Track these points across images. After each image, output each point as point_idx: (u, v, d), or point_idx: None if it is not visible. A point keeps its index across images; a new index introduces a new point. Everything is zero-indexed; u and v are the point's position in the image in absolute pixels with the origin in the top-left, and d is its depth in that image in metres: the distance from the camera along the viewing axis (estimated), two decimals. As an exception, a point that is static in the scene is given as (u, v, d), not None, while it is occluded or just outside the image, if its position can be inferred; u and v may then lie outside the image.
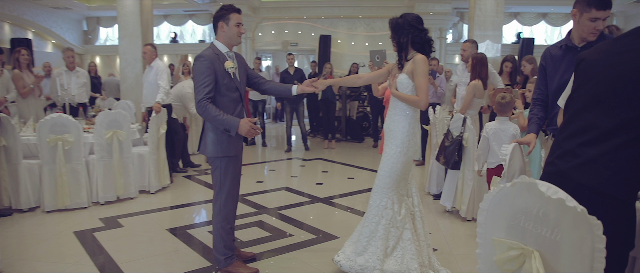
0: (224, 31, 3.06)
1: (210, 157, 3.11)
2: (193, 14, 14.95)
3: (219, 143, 3.04)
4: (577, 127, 1.88)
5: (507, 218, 1.66)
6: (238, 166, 3.22)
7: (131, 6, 7.89)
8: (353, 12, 13.53)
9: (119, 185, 5.08)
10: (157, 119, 5.54)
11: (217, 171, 3.10)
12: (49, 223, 4.40)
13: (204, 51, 3.02)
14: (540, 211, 1.55)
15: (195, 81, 2.96)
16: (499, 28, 7.62)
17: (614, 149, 1.75)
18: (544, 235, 1.55)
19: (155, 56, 6.06)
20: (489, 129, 3.76)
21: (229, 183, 3.13)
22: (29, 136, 4.97)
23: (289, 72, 8.62)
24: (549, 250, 1.55)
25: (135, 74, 7.88)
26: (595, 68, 1.89)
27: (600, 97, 1.83)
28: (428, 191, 5.52)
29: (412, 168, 3.26)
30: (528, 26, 13.67)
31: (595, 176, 1.77)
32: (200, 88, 2.92)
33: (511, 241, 1.64)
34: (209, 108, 2.92)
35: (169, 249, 3.77)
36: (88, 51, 15.68)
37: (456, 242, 4.03)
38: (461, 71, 5.58)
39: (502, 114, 3.70)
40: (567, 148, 1.89)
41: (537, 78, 2.97)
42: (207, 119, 2.98)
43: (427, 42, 3.05)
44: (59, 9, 14.14)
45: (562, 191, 1.50)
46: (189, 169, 6.89)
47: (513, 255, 1.63)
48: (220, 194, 3.12)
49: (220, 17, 3.04)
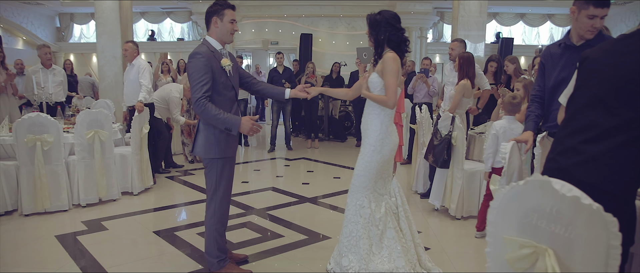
0: (218, 27, 2.96)
1: (205, 158, 3.01)
2: (171, 11, 14.71)
3: (216, 144, 2.95)
4: (579, 124, 1.90)
5: (518, 216, 1.65)
6: (233, 167, 3.14)
7: (110, 3, 7.68)
8: (334, 11, 13.52)
9: (101, 187, 4.93)
10: (140, 119, 5.40)
11: (213, 172, 3.01)
12: (29, 227, 4.23)
13: (199, 48, 2.92)
14: (553, 209, 1.54)
15: (191, 79, 2.84)
16: (482, 28, 7.71)
17: (614, 147, 1.77)
18: (557, 232, 1.54)
19: (137, 53, 5.90)
20: (499, 128, 3.75)
21: (224, 185, 3.04)
22: (4, 136, 4.78)
23: (278, 71, 8.55)
24: (562, 248, 1.54)
25: (114, 72, 7.68)
26: (598, 67, 1.92)
27: (602, 96, 1.85)
28: (415, 190, 5.53)
29: (392, 167, 3.22)
30: (507, 26, 13.90)
31: (596, 174, 1.78)
32: (197, 86, 2.81)
33: (523, 239, 1.63)
34: (209, 107, 2.81)
35: (156, 252, 3.66)
36: (61, 48, 15.25)
37: (447, 240, 4.04)
38: (449, 70, 5.59)
39: (511, 114, 3.71)
40: (568, 145, 1.91)
41: (536, 75, 2.99)
42: (207, 118, 2.86)
43: (404, 41, 2.99)
44: (31, 4, 13.69)
45: (577, 189, 1.49)
46: (171, 170, 6.75)
47: (525, 253, 1.62)
48: (216, 196, 3.03)
49: (214, 13, 2.93)
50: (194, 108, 2.85)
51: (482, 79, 5.16)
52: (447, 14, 13.71)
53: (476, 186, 4.54)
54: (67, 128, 5.11)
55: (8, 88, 6.05)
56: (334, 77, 10.27)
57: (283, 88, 3.37)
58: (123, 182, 5.31)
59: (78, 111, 6.02)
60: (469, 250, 3.83)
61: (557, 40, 2.99)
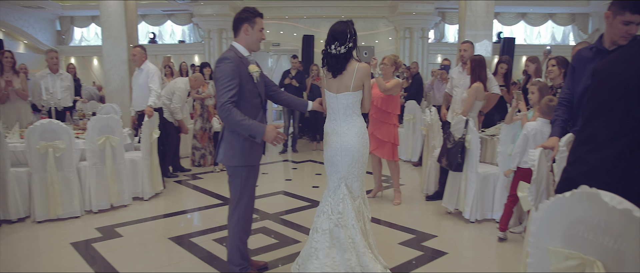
0: (248, 34, 2.95)
1: (230, 166, 2.99)
2: (172, 13, 14.63)
3: (241, 152, 2.93)
4: (586, 135, 1.94)
5: (563, 227, 1.64)
6: (257, 175, 3.13)
7: (115, 6, 7.64)
8: (335, 12, 13.48)
9: (113, 193, 4.91)
10: (150, 124, 5.37)
11: (238, 180, 2.99)
12: (43, 235, 4.20)
13: (227, 53, 2.90)
14: (601, 221, 1.53)
15: (218, 84, 2.80)
16: (489, 27, 7.70)
17: (615, 156, 1.79)
18: (606, 244, 1.53)
19: (145, 58, 5.88)
20: (530, 129, 3.73)
21: (248, 193, 3.03)
22: (16, 143, 4.75)
23: (291, 73, 8.56)
24: (611, 260, 1.53)
25: (120, 76, 7.63)
26: (603, 76, 1.95)
27: (604, 106, 1.88)
28: (426, 193, 5.52)
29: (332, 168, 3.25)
30: (508, 26, 13.89)
31: (599, 183, 1.79)
32: (224, 91, 2.76)
33: (569, 251, 1.62)
34: (234, 112, 2.76)
35: (176, 259, 3.64)
36: (62, 51, 15.12)
37: (463, 244, 4.03)
38: (457, 73, 5.58)
39: (546, 117, 3.69)
40: (577, 155, 1.96)
41: (566, 79, 2.96)
42: (231, 124, 2.82)
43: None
44: (31, 8, 13.58)
45: (627, 201, 1.48)
46: (179, 174, 6.72)
47: (571, 265, 1.61)
48: (240, 204, 3.02)
49: (245, 20, 2.93)
50: (219, 113, 2.81)
51: (492, 83, 5.15)
52: (449, 14, 13.71)
53: (490, 189, 4.54)
54: (78, 133, 5.08)
55: (12, 94, 6.00)
56: (338, 78, 10.28)
57: (305, 100, 3.40)
58: (133, 187, 5.28)
59: (84, 115, 5.99)
60: (488, 253, 3.82)
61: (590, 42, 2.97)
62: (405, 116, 7.65)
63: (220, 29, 13.70)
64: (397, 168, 5.28)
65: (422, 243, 3.95)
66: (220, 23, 13.54)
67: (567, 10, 13.49)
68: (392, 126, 5.16)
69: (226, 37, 13.83)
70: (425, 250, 3.79)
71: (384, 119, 5.13)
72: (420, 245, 3.91)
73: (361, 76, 3.08)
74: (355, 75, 3.06)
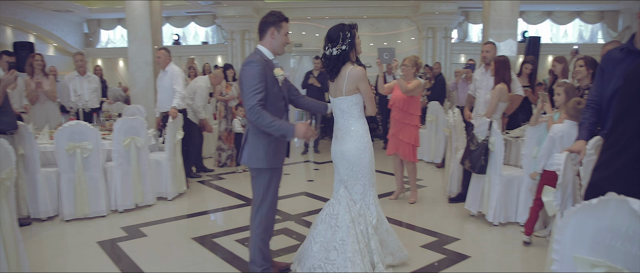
0: (274, 38, 2.97)
1: (254, 168, 3.02)
2: (196, 15, 14.83)
3: (265, 155, 2.96)
4: (611, 140, 1.94)
5: (590, 235, 1.60)
6: (280, 178, 3.15)
7: (140, 9, 7.79)
8: (357, 13, 13.45)
9: (138, 192, 5.00)
10: (174, 125, 5.46)
11: (261, 182, 3.01)
12: (71, 233, 4.32)
13: (253, 56, 2.91)
14: (630, 229, 1.50)
15: (246, 87, 2.82)
16: (514, 26, 7.56)
17: (634, 158, 1.79)
18: (634, 253, 1.49)
19: (170, 60, 5.98)
20: (557, 131, 3.66)
21: (271, 196, 3.05)
22: (46, 144, 4.88)
23: (313, 73, 8.57)
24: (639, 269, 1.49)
25: (145, 78, 7.78)
26: (632, 80, 1.93)
27: (627, 110, 1.87)
28: (449, 195, 5.46)
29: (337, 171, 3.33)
30: (533, 25, 13.61)
31: (618, 186, 1.76)
32: (252, 94, 2.78)
33: (595, 259, 1.58)
34: (264, 114, 2.77)
35: (199, 259, 3.69)
36: (89, 53, 15.49)
37: (487, 248, 3.98)
38: (480, 74, 5.50)
39: (574, 119, 3.62)
40: (602, 160, 1.96)
41: (594, 81, 2.88)
42: (262, 125, 2.82)
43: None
44: (60, 11, 13.97)
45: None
46: (202, 175, 6.81)
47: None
48: (262, 206, 3.04)
49: (272, 23, 2.94)
50: (248, 116, 2.82)
51: (515, 84, 5.06)
52: (472, 14, 13.52)
53: (514, 191, 4.46)
54: (104, 135, 5.20)
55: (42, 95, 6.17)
56: (360, 79, 10.26)
57: (324, 103, 3.45)
58: (158, 187, 5.37)
59: (110, 116, 6.13)
60: (512, 257, 3.76)
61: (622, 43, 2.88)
62: (428, 117, 7.59)
63: (243, 30, 13.82)
64: (415, 169, 5.29)
65: (444, 246, 3.91)
66: (243, 24, 13.65)
67: (595, 8, 13.14)
68: (414, 128, 5.14)
69: (249, 39, 13.94)
70: (447, 253, 3.75)
71: (405, 120, 5.11)
72: (443, 248, 3.87)
73: (353, 80, 3.08)
74: (347, 79, 3.09)
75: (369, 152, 3.21)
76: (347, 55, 3.10)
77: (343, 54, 3.09)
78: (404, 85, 4.95)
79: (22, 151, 4.50)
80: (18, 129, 4.42)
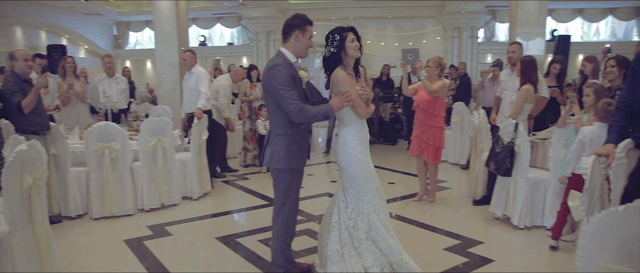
0: (298, 41, 2.99)
1: (276, 169, 3.04)
2: (221, 16, 15.05)
3: (287, 155, 2.98)
4: None
5: (616, 242, 1.56)
6: (301, 178, 3.17)
7: (167, 11, 7.94)
8: (382, 13, 13.41)
9: (164, 192, 5.10)
10: (199, 126, 5.54)
11: (283, 183, 3.04)
12: (99, 231, 4.44)
13: (276, 60, 2.94)
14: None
15: (280, 91, 2.84)
16: (541, 25, 7.39)
17: None
18: (662, 262, 1.45)
19: (195, 61, 6.08)
20: (587, 134, 3.56)
21: (292, 196, 3.08)
22: (76, 144, 5.02)
23: None
24: (668, 279, 1.45)
25: (172, 79, 7.92)
26: None
27: None
28: (473, 197, 5.39)
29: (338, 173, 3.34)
30: (563, 23, 13.29)
31: None
32: (290, 99, 2.83)
33: (622, 267, 1.54)
34: (306, 109, 2.86)
35: (222, 259, 3.74)
36: (118, 55, 15.92)
37: (512, 252, 3.90)
38: (506, 75, 5.40)
39: (604, 121, 3.52)
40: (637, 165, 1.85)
41: (625, 81, 2.78)
42: (309, 119, 2.90)
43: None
44: (91, 14, 14.41)
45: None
46: (227, 175, 6.89)
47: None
48: (284, 207, 3.07)
49: (297, 27, 2.96)
50: (296, 120, 2.87)
51: (542, 85, 4.95)
52: (499, 12, 13.31)
53: (541, 194, 4.37)
54: (131, 135, 5.32)
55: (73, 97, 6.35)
56: (384, 79, 10.19)
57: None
58: (183, 187, 5.46)
59: (137, 117, 6.27)
60: (537, 262, 3.68)
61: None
62: (453, 118, 7.50)
63: (268, 31, 13.93)
64: (436, 170, 5.27)
65: (468, 250, 3.86)
66: (267, 25, 13.76)
67: (629, 4, 12.72)
68: (438, 129, 5.10)
69: (273, 39, 14.04)
70: (471, 257, 3.70)
71: (430, 122, 5.07)
72: (466, 251, 3.82)
73: (334, 84, 3.10)
74: (332, 83, 3.11)
75: (355, 159, 3.14)
76: (338, 58, 3.11)
77: (333, 56, 3.11)
78: (428, 86, 4.91)
79: (53, 151, 4.64)
80: (50, 130, 4.57)
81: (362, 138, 3.20)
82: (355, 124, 3.18)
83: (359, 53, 3.12)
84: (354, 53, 3.11)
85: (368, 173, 3.17)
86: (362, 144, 3.19)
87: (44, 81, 4.29)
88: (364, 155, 3.18)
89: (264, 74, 2.98)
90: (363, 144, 3.20)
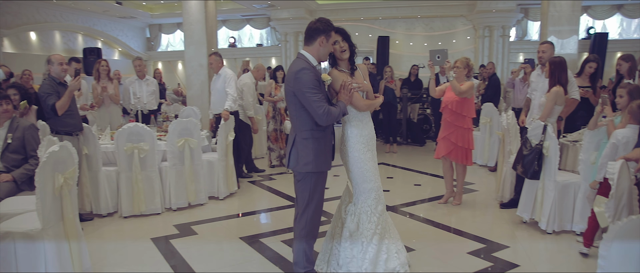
0: (322, 46, 3.00)
1: (301, 172, 3.05)
2: (251, 18, 15.23)
3: (316, 158, 3.01)
4: None
5: (638, 251, 1.50)
6: (325, 181, 3.19)
7: (196, 14, 8.10)
8: (411, 12, 13.28)
9: (190, 192, 5.20)
10: (226, 127, 5.63)
11: (308, 186, 3.05)
12: (127, 229, 4.56)
13: (301, 63, 2.97)
14: (681, 247, 1.39)
15: (308, 95, 2.88)
16: (575, 22, 7.15)
17: None
18: (686, 273, 1.39)
19: (222, 64, 6.18)
20: (621, 137, 3.43)
21: (316, 199, 3.10)
22: (107, 144, 5.18)
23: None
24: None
25: (201, 81, 8.07)
26: None
27: None
28: (501, 200, 5.28)
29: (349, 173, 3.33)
30: (600, 20, 12.81)
31: None
32: (318, 102, 2.88)
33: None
34: (332, 110, 2.94)
35: (244, 259, 3.80)
36: (151, 57, 16.33)
37: (538, 257, 3.80)
38: (536, 76, 5.26)
39: (638, 123, 3.40)
40: None
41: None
42: (334, 119, 2.98)
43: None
44: (125, 18, 14.86)
45: None
46: (253, 175, 6.97)
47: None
48: (308, 209, 3.08)
49: (323, 32, 2.96)
50: (323, 121, 2.92)
51: (573, 87, 4.80)
52: (532, 11, 12.96)
53: (570, 198, 4.24)
54: (160, 136, 5.45)
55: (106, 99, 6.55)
56: (412, 80, 10.10)
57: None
58: (210, 187, 5.56)
59: (167, 117, 6.41)
60: (565, 269, 3.58)
61: None
62: (482, 119, 7.37)
63: (296, 32, 14.01)
64: (464, 172, 5.21)
65: (493, 254, 3.79)
66: (296, 26, 13.84)
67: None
68: (467, 130, 5.03)
69: (302, 40, 14.07)
70: (495, 261, 3.63)
71: (458, 123, 5.01)
72: (491, 256, 3.75)
73: (330, 86, 3.18)
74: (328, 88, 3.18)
75: (352, 156, 3.21)
76: (333, 60, 3.21)
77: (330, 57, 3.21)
78: (456, 87, 4.86)
79: (86, 151, 4.80)
80: (83, 131, 4.73)
81: (363, 135, 3.21)
82: (354, 121, 3.21)
83: (343, 55, 3.19)
84: (338, 55, 3.19)
85: (365, 172, 3.19)
86: (363, 142, 3.20)
87: (76, 84, 4.44)
88: (363, 153, 3.19)
89: (289, 78, 2.99)
90: (363, 142, 3.20)
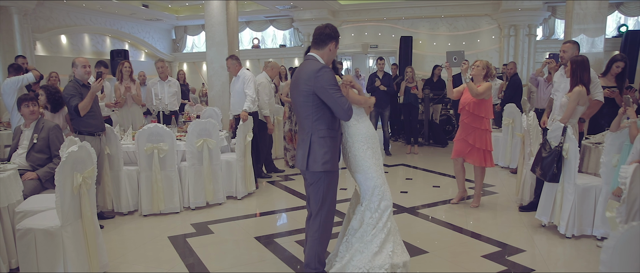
0: (331, 51, 3.10)
1: (316, 172, 3.04)
2: (274, 19, 15.33)
3: (333, 157, 3.04)
4: None
5: (638, 258, 1.47)
6: (337, 180, 3.20)
7: (218, 16, 8.21)
8: (435, 12, 13.13)
9: (209, 191, 5.28)
10: (244, 127, 5.69)
11: (322, 186, 3.06)
12: (146, 227, 4.67)
13: (317, 63, 3.03)
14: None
15: (332, 92, 2.92)
16: (602, 20, 6.94)
17: None
18: (687, 281, 1.35)
19: (240, 66, 6.27)
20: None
21: (330, 198, 3.11)
22: (129, 144, 5.31)
23: (378, 76, 8.44)
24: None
25: (221, 82, 8.18)
26: None
27: None
28: (520, 203, 5.18)
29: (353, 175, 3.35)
30: (633, 17, 12.37)
31: None
32: (342, 98, 2.95)
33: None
34: (351, 107, 3.03)
35: (257, 259, 3.84)
36: (176, 58, 16.63)
37: (555, 262, 3.71)
38: (558, 76, 5.14)
39: None
40: None
41: None
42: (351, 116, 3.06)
43: None
44: (152, 20, 15.18)
45: None
46: (272, 175, 7.02)
47: (646, 301, 1.44)
48: (322, 210, 3.10)
49: (334, 38, 3.08)
50: (346, 117, 2.99)
51: (596, 88, 4.66)
52: (560, 9, 12.62)
53: (591, 202, 4.13)
54: (179, 136, 5.55)
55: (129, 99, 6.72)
56: (435, 80, 10.01)
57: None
58: (228, 187, 5.64)
59: (190, 118, 6.52)
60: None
61: None
62: (504, 120, 7.25)
63: (318, 33, 14.01)
64: (483, 174, 5.14)
65: (508, 257, 3.73)
66: (318, 27, 13.84)
67: None
68: (485, 132, 4.96)
69: (324, 41, 14.11)
70: (509, 265, 3.57)
71: (476, 124, 4.94)
72: (505, 259, 3.69)
73: None
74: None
75: (352, 157, 3.24)
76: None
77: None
78: (474, 88, 4.80)
79: (108, 151, 4.94)
80: (105, 131, 4.87)
81: (361, 133, 3.21)
82: (351, 120, 3.20)
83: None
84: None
85: (366, 169, 3.21)
86: (360, 140, 3.21)
87: (98, 86, 4.57)
88: (362, 151, 3.20)
89: (307, 77, 2.98)
90: (361, 140, 3.21)
